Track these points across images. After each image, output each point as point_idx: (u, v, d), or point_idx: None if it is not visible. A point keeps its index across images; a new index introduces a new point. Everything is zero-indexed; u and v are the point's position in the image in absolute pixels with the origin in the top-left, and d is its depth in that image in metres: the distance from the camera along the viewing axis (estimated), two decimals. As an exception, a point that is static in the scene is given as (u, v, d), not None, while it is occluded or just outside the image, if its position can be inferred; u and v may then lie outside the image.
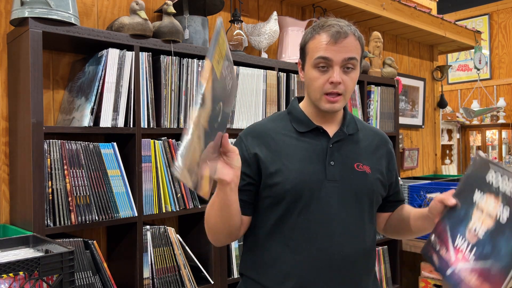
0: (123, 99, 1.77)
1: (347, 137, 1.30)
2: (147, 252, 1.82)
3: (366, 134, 1.35)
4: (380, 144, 1.36)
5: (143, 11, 1.82)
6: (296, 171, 1.23)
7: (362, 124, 1.39)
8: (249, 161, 1.26)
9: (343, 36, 1.19)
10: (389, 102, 3.03)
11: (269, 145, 1.26)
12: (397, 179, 1.41)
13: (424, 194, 2.93)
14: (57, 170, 1.61)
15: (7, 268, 1.16)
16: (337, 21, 1.22)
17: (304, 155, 1.25)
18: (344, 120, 1.32)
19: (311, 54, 1.23)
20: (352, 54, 1.20)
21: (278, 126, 1.30)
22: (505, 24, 6.61)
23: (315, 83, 1.23)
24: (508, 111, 6.46)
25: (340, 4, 2.82)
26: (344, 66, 1.20)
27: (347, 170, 1.26)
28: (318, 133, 1.28)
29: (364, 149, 1.31)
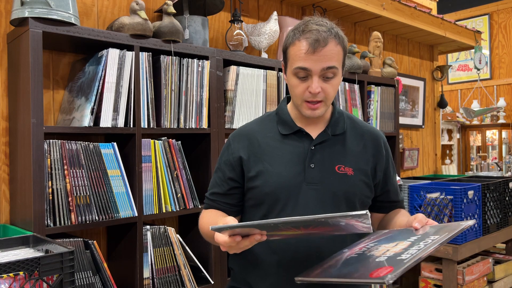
0: (123, 99, 1.77)
1: (331, 138, 1.29)
2: (147, 252, 1.82)
3: (355, 134, 1.33)
4: (370, 144, 1.34)
5: (143, 11, 1.82)
6: (276, 174, 1.25)
7: (354, 123, 1.37)
8: (234, 165, 1.31)
9: (322, 45, 1.17)
10: (389, 102, 3.03)
11: (253, 148, 1.29)
12: (388, 180, 1.38)
13: (424, 194, 2.93)
14: (57, 170, 1.61)
15: (7, 268, 1.16)
16: (319, 25, 1.20)
17: (286, 158, 1.27)
18: (330, 120, 1.32)
19: (291, 61, 1.23)
20: (331, 63, 1.19)
21: (264, 128, 1.33)
22: (505, 24, 6.61)
23: (295, 90, 1.24)
24: (508, 111, 6.45)
25: (340, 4, 2.82)
26: (323, 75, 1.20)
27: (327, 173, 1.26)
28: (302, 135, 1.29)
29: (349, 150, 1.30)
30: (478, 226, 2.93)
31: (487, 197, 3.02)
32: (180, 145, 1.98)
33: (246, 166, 1.29)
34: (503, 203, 3.19)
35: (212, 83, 2.04)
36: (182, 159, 1.97)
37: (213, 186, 1.36)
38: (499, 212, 3.14)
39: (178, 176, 1.94)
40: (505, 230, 3.20)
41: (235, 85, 2.14)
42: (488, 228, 3.01)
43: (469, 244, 2.83)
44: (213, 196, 1.35)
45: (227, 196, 1.33)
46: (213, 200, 1.35)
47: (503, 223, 3.18)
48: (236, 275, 1.37)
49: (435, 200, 2.87)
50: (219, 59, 2.07)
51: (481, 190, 2.96)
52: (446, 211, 2.81)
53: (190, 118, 1.98)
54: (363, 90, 2.84)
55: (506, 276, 3.21)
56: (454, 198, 2.76)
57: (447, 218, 2.82)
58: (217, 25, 2.47)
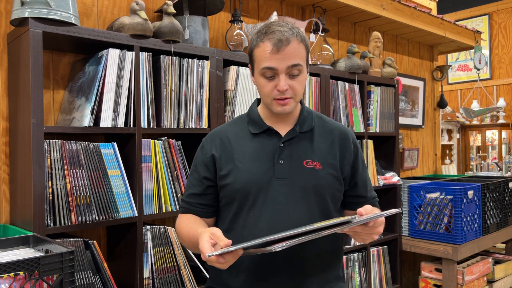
0: (123, 99, 1.77)
1: (299, 135, 1.35)
2: (147, 252, 1.82)
3: (323, 131, 1.39)
4: (338, 140, 1.39)
5: (143, 11, 1.82)
6: (246, 171, 1.31)
7: (323, 121, 1.42)
8: (208, 165, 1.37)
9: (285, 44, 1.23)
10: (389, 102, 3.03)
11: (225, 147, 1.36)
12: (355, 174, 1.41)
13: (424, 194, 2.93)
14: (57, 170, 1.61)
15: (7, 268, 1.16)
16: (280, 26, 1.26)
17: (255, 155, 1.33)
18: (298, 118, 1.37)
19: (258, 62, 1.29)
20: (296, 61, 1.25)
21: (236, 129, 1.40)
22: (505, 24, 6.61)
23: (264, 90, 1.30)
24: (508, 111, 6.46)
25: (340, 4, 2.82)
26: (289, 73, 1.26)
27: (296, 168, 1.31)
28: (271, 133, 1.35)
29: (317, 145, 1.35)
30: (478, 226, 2.93)
31: (487, 197, 3.02)
32: (180, 145, 1.98)
33: (219, 164, 1.35)
34: (503, 203, 3.19)
35: (212, 83, 2.05)
36: (182, 159, 1.97)
37: (189, 188, 1.41)
38: (499, 212, 3.14)
39: (178, 176, 1.94)
40: (505, 230, 3.20)
41: (235, 85, 2.14)
42: (488, 228, 3.01)
43: (469, 244, 2.84)
44: (189, 198, 1.40)
45: (203, 196, 1.38)
46: (189, 202, 1.40)
47: (503, 223, 3.18)
48: (212, 275, 1.42)
49: (435, 200, 2.87)
50: (219, 59, 2.07)
51: (481, 190, 2.96)
52: (446, 211, 2.81)
53: (190, 118, 1.98)
54: (363, 90, 2.84)
55: (506, 276, 3.21)
56: (454, 198, 2.76)
57: (447, 218, 2.82)
58: (217, 25, 2.47)
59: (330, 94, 2.60)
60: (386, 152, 3.10)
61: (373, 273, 2.85)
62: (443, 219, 2.85)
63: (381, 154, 3.11)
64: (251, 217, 1.30)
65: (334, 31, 3.14)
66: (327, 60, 2.74)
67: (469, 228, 2.84)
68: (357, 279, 2.73)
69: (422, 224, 2.95)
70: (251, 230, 1.29)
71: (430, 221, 2.91)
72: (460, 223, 2.75)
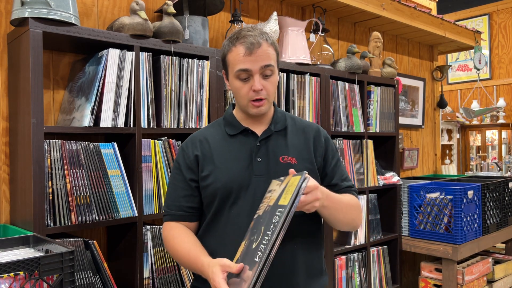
0: (123, 99, 1.77)
1: (274, 134, 1.43)
2: (147, 252, 1.82)
3: (296, 129, 1.48)
4: (310, 136, 1.48)
5: (143, 11, 1.82)
6: (226, 170, 1.37)
7: (294, 120, 1.51)
8: (192, 166, 1.41)
9: (257, 46, 1.32)
10: (389, 102, 3.03)
11: (204, 150, 1.41)
12: (327, 164, 1.48)
13: (424, 194, 2.93)
14: (57, 170, 1.61)
15: (7, 268, 1.16)
16: (250, 31, 1.35)
17: (234, 155, 1.40)
18: (272, 119, 1.45)
19: (232, 66, 1.36)
20: (268, 62, 1.34)
21: (213, 132, 1.46)
22: (505, 24, 6.62)
23: (240, 92, 1.37)
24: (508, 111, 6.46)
25: (340, 4, 2.82)
26: (262, 73, 1.34)
27: (273, 164, 1.39)
28: (247, 134, 1.43)
29: (291, 142, 1.44)
30: (478, 226, 2.93)
31: (487, 197, 3.02)
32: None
33: (201, 165, 1.40)
34: (503, 203, 3.19)
35: (212, 83, 2.05)
36: (182, 159, 1.97)
37: (175, 192, 1.43)
38: (498, 212, 3.15)
39: (178, 176, 1.94)
40: (505, 230, 3.20)
41: (235, 85, 2.14)
42: (488, 228, 3.01)
43: (469, 244, 2.84)
44: (178, 202, 1.42)
45: (192, 198, 1.41)
46: (178, 206, 1.41)
47: (502, 223, 3.18)
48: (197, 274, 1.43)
49: (435, 200, 2.87)
50: (219, 59, 2.07)
51: (481, 190, 2.96)
52: (446, 211, 2.81)
53: (190, 118, 1.98)
54: (362, 90, 2.84)
55: (505, 276, 3.21)
56: (454, 198, 2.76)
57: (447, 218, 2.82)
58: (217, 25, 2.47)
59: (330, 94, 2.60)
60: (386, 152, 3.10)
61: (373, 273, 2.86)
62: (443, 219, 2.85)
63: (381, 154, 3.11)
64: (232, 213, 1.36)
65: (334, 31, 3.14)
66: (327, 60, 2.74)
67: (469, 228, 2.84)
68: (357, 279, 2.73)
69: (422, 224, 2.95)
70: (233, 226, 1.34)
71: (430, 221, 2.91)
72: (460, 223, 2.75)
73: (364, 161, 2.80)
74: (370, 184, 2.82)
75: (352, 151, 2.73)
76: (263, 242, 1.12)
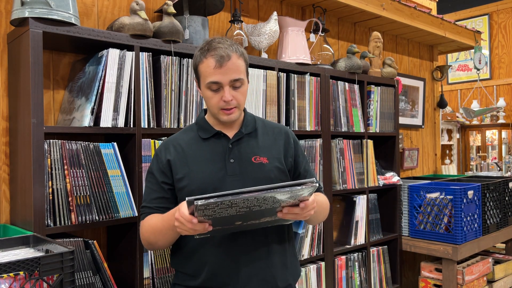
0: (123, 99, 1.77)
1: (245, 136, 1.50)
2: (147, 252, 1.82)
3: (266, 131, 1.55)
4: (279, 137, 1.55)
5: (143, 11, 1.82)
6: (200, 172, 1.43)
7: (264, 122, 1.59)
8: (164, 170, 1.47)
9: (226, 59, 1.38)
10: (389, 102, 3.03)
11: (178, 154, 1.47)
12: (298, 165, 1.58)
13: (424, 194, 2.93)
14: (57, 170, 1.61)
15: (7, 268, 1.16)
16: (220, 43, 1.40)
17: (207, 157, 1.45)
18: (243, 122, 1.52)
19: (203, 77, 1.42)
20: (238, 76, 1.40)
21: (186, 136, 1.52)
22: (505, 24, 6.62)
23: (211, 101, 1.44)
24: (508, 111, 6.46)
25: (340, 4, 2.82)
26: (232, 85, 1.41)
27: (246, 164, 1.46)
28: (220, 137, 1.49)
29: (261, 143, 1.51)
30: (478, 226, 2.93)
31: (487, 197, 3.02)
32: (180, 145, 1.98)
33: (174, 169, 1.45)
34: (503, 203, 3.19)
35: (212, 83, 2.04)
36: (182, 159, 1.97)
37: (149, 194, 1.49)
38: (499, 212, 3.15)
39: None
40: (505, 230, 3.20)
41: (235, 85, 2.14)
42: (488, 228, 3.01)
43: (469, 244, 2.84)
44: (152, 203, 1.47)
45: (165, 199, 1.47)
46: (153, 207, 1.47)
47: (503, 223, 3.18)
48: (177, 274, 1.52)
49: (435, 200, 2.87)
50: (219, 59, 2.07)
51: (481, 190, 2.96)
52: (446, 211, 2.81)
53: (190, 118, 1.98)
54: (362, 90, 2.84)
55: (506, 276, 3.22)
56: (454, 198, 2.76)
57: (447, 218, 2.82)
58: (217, 25, 2.47)
59: (330, 94, 2.60)
60: (386, 152, 3.10)
61: (373, 273, 2.86)
62: (443, 219, 2.85)
63: (381, 154, 3.11)
64: None
65: (334, 31, 3.14)
66: (327, 60, 2.74)
67: (469, 228, 2.84)
68: (357, 279, 2.73)
69: (422, 224, 2.95)
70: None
71: (430, 221, 2.91)
72: (460, 223, 2.75)
73: (364, 161, 2.80)
74: (370, 184, 2.82)
75: (352, 151, 2.73)
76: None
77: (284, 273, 1.48)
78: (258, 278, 1.42)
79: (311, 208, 1.29)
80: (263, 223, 1.33)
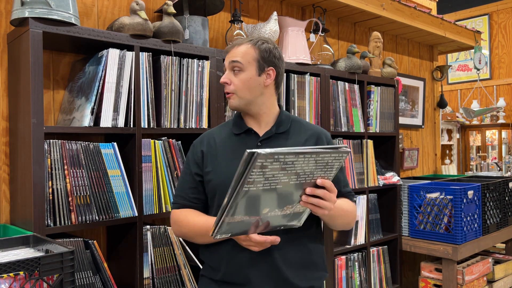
0: (123, 99, 1.77)
1: (274, 135, 1.49)
2: (147, 252, 1.82)
3: (298, 132, 1.52)
4: (311, 138, 1.51)
5: (143, 11, 1.82)
6: (226, 167, 1.44)
7: (299, 123, 1.55)
8: (198, 162, 1.50)
9: (236, 46, 1.45)
10: (389, 102, 3.03)
11: (210, 147, 1.50)
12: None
13: (424, 194, 2.93)
14: (57, 170, 1.61)
15: (7, 268, 1.16)
16: (246, 38, 1.47)
17: (235, 153, 1.44)
18: (276, 121, 1.51)
19: None
20: (236, 58, 1.43)
21: (222, 131, 1.55)
22: (505, 24, 6.62)
23: None
24: (508, 111, 6.46)
25: (340, 4, 2.82)
26: (232, 68, 1.45)
27: None
28: (250, 134, 1.50)
29: (291, 143, 1.48)
30: (478, 226, 2.93)
31: (487, 197, 3.02)
32: (180, 145, 1.98)
33: (205, 161, 1.49)
34: (503, 203, 3.19)
35: (212, 83, 2.05)
36: (182, 159, 1.97)
37: (183, 184, 1.53)
38: (499, 212, 3.15)
39: (178, 176, 1.94)
40: (505, 230, 3.20)
41: (235, 85, 2.14)
42: (488, 228, 3.01)
43: (469, 244, 2.84)
44: (184, 193, 1.51)
45: (197, 190, 1.50)
46: (185, 197, 1.50)
47: (503, 223, 3.18)
48: (205, 264, 1.54)
49: (435, 200, 2.87)
50: (219, 59, 2.07)
51: (481, 190, 2.96)
52: (446, 211, 2.81)
53: (190, 118, 1.98)
54: (363, 90, 2.84)
55: (505, 276, 3.21)
56: (454, 198, 2.76)
57: (447, 218, 2.82)
58: (217, 25, 2.47)
59: (330, 94, 2.60)
60: (386, 152, 3.10)
61: (373, 273, 2.86)
62: (443, 219, 2.85)
63: (381, 154, 3.11)
64: None
65: (334, 31, 3.14)
66: (327, 60, 2.74)
67: (469, 228, 2.84)
68: (357, 279, 2.73)
69: (422, 224, 2.95)
70: None
71: (430, 221, 2.91)
72: (460, 223, 2.75)
73: (364, 161, 2.80)
74: (370, 184, 2.82)
75: (352, 151, 2.73)
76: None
77: (302, 274, 1.43)
78: (273, 279, 1.40)
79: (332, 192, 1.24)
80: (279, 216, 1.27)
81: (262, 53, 1.45)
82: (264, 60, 1.45)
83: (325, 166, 1.20)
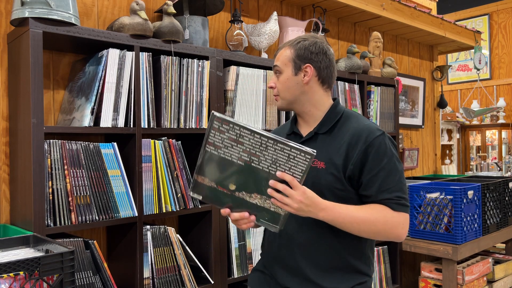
0: (123, 99, 1.77)
1: (314, 136, 1.48)
2: (147, 252, 1.82)
3: (342, 132, 1.44)
4: (348, 139, 1.41)
5: (143, 11, 1.82)
6: None
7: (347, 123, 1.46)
8: None
9: (278, 50, 1.52)
10: (389, 102, 3.03)
11: None
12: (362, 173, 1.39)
13: (424, 194, 2.93)
14: (57, 170, 1.61)
15: (7, 268, 1.16)
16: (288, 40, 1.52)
17: None
18: (321, 121, 1.49)
19: None
20: (276, 62, 1.50)
21: (281, 130, 1.63)
22: (505, 24, 6.62)
23: None
24: (508, 111, 6.46)
25: (340, 4, 2.82)
26: (275, 72, 1.51)
27: None
28: (296, 134, 1.55)
29: (328, 145, 1.44)
30: (478, 226, 2.93)
31: (487, 197, 3.02)
32: (180, 145, 1.98)
33: None
34: (503, 203, 3.19)
35: (212, 83, 2.05)
36: (182, 159, 1.97)
37: None
38: (499, 212, 3.15)
39: (178, 176, 1.94)
40: (505, 230, 3.20)
41: (235, 85, 2.14)
42: (488, 228, 3.01)
43: (469, 244, 2.84)
44: None
45: None
46: None
47: (503, 223, 3.18)
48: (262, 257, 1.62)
49: (435, 200, 2.87)
50: (219, 59, 2.07)
51: (481, 190, 2.96)
52: (446, 211, 2.81)
53: (190, 118, 1.98)
54: (363, 90, 2.84)
55: (506, 276, 3.21)
56: (454, 198, 2.76)
57: (447, 218, 2.82)
58: (217, 25, 2.47)
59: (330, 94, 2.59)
60: (386, 152, 3.09)
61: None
62: (443, 219, 2.85)
63: (381, 154, 3.10)
64: None
65: (334, 31, 3.14)
66: (327, 60, 2.74)
67: (469, 228, 2.84)
68: (357, 279, 2.73)
69: (422, 224, 2.95)
70: None
71: (430, 221, 2.91)
72: (460, 223, 2.75)
73: (364, 161, 2.80)
74: (370, 184, 2.82)
75: (352, 151, 2.73)
76: None
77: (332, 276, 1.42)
78: (299, 278, 1.43)
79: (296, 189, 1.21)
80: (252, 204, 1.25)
81: (297, 51, 1.46)
82: (299, 58, 1.45)
83: (287, 161, 1.19)
